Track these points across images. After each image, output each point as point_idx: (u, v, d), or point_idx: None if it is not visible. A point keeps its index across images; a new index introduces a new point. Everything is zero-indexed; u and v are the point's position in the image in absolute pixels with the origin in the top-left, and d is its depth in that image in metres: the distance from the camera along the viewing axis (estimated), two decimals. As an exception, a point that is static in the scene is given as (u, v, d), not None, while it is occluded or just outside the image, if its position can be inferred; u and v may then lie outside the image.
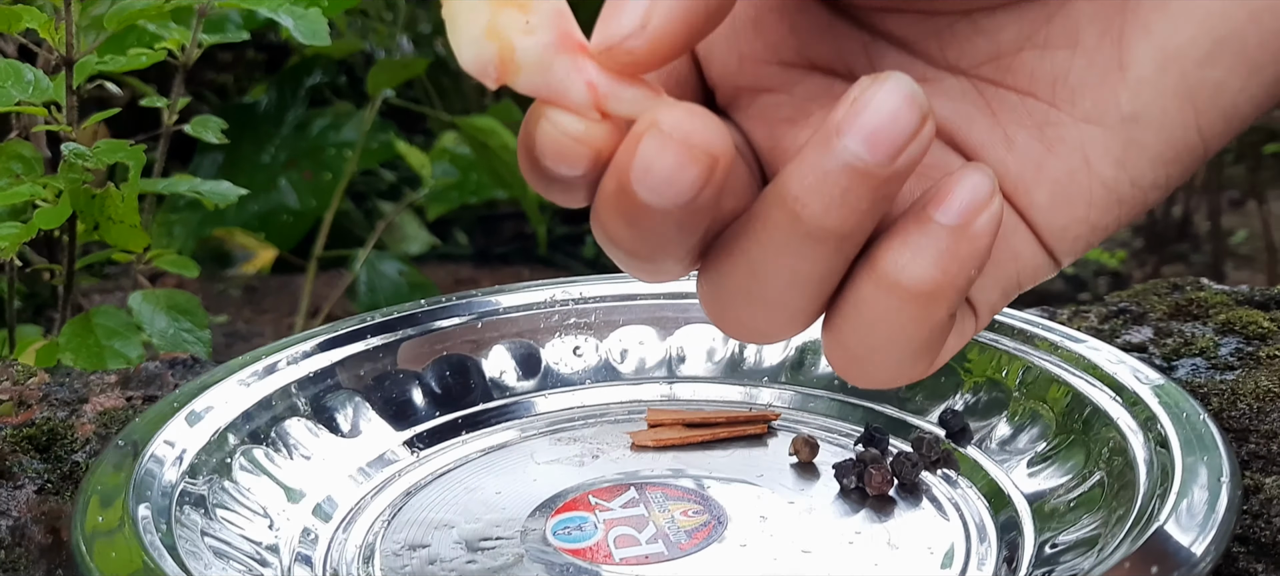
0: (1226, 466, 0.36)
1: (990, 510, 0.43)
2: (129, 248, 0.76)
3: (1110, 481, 0.40)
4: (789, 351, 0.54)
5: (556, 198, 0.27)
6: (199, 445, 0.43)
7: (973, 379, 0.49)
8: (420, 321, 0.53)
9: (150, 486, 0.40)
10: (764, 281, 0.26)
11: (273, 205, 1.86)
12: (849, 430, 0.50)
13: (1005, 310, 0.51)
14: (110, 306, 0.82)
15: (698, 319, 0.55)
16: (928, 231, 0.25)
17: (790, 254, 0.26)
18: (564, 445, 0.50)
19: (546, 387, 0.54)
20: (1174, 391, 0.42)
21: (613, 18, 0.25)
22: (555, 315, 0.55)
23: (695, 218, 0.25)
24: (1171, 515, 0.33)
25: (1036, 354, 0.48)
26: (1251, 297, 0.63)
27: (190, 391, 0.46)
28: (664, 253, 0.26)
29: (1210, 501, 0.33)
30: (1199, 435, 0.38)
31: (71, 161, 0.72)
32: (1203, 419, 0.39)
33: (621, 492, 0.45)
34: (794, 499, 0.45)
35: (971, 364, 0.49)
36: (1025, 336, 0.49)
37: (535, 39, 0.25)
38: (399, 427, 0.50)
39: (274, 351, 0.49)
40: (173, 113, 0.92)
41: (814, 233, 0.25)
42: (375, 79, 1.67)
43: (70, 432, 0.52)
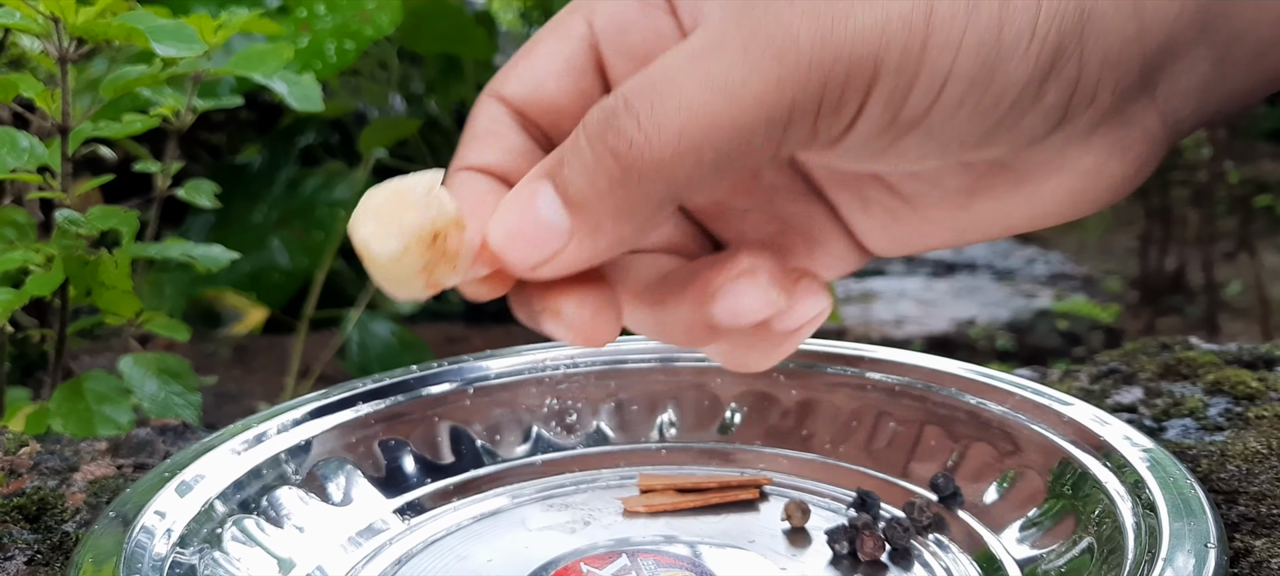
0: (1213, 532, 0.36)
1: (982, 573, 0.43)
2: (121, 312, 0.76)
3: (1100, 547, 0.40)
4: (781, 417, 0.54)
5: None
6: (189, 515, 0.43)
7: (963, 443, 0.49)
8: (410, 388, 0.53)
9: (141, 559, 0.39)
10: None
11: (264, 265, 1.86)
12: (840, 494, 0.50)
13: (996, 373, 0.52)
14: (100, 371, 0.82)
15: (689, 384, 0.55)
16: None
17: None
18: (556, 511, 0.50)
19: (537, 453, 0.54)
20: (1162, 456, 0.43)
21: (523, 246, 0.30)
22: (546, 380, 0.55)
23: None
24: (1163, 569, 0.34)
25: (1026, 418, 0.48)
26: (1239, 357, 0.63)
27: (180, 461, 0.46)
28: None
29: (1197, 568, 0.33)
30: (1186, 500, 0.38)
31: (65, 228, 0.72)
32: (1191, 483, 0.40)
33: (613, 559, 0.45)
34: (786, 564, 0.45)
35: (962, 428, 0.50)
36: (1015, 399, 0.49)
37: (460, 273, 0.30)
38: (390, 495, 0.50)
39: (264, 420, 0.49)
40: (166, 177, 0.93)
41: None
42: (367, 138, 1.68)
43: (60, 502, 0.51)
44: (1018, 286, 3.12)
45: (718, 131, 0.27)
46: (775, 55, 0.27)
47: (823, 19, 0.27)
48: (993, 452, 0.48)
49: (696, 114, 0.27)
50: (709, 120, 0.27)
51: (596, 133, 0.28)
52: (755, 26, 0.28)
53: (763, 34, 0.27)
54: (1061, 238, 3.78)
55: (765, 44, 0.27)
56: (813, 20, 0.27)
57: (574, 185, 0.28)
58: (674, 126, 0.27)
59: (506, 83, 0.33)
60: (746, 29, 0.28)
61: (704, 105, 0.27)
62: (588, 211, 0.29)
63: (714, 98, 0.27)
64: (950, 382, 0.51)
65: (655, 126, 0.27)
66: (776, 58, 0.27)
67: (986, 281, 3.22)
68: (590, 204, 0.28)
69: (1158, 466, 0.41)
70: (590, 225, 0.29)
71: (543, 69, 0.33)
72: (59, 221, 0.72)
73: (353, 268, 2.08)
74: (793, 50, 0.27)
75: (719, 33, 0.28)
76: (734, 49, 0.27)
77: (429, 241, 0.29)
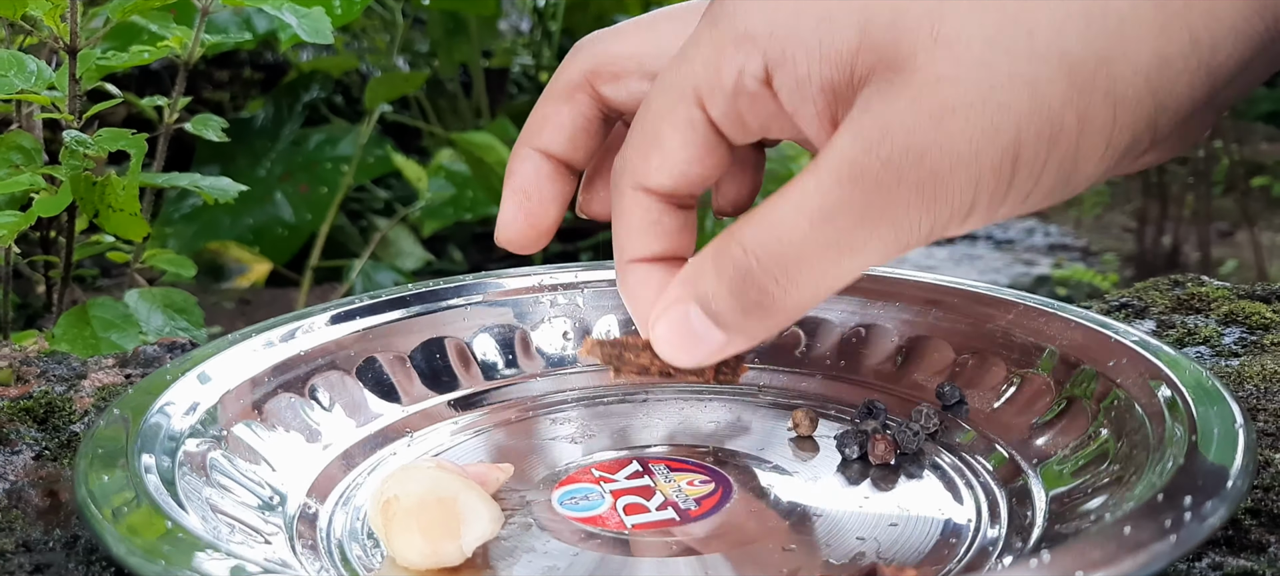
0: (1237, 413, 0.36)
1: (995, 473, 0.43)
2: (129, 236, 0.75)
3: (1119, 438, 0.39)
4: (781, 335, 0.54)
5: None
6: (199, 412, 0.43)
7: (968, 354, 0.49)
8: (411, 304, 0.53)
9: (155, 438, 0.39)
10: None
11: (268, 219, 1.86)
12: (842, 411, 0.49)
13: (998, 287, 0.51)
14: (107, 299, 0.82)
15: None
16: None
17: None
18: (559, 425, 0.50)
19: (539, 370, 0.53)
20: (1175, 352, 0.42)
21: (683, 353, 0.35)
22: (553, 298, 0.55)
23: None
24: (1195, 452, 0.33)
25: (1032, 326, 0.48)
26: (1253, 292, 0.63)
27: (183, 364, 0.45)
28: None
29: (1228, 446, 0.33)
30: (1205, 388, 0.38)
31: (72, 149, 0.72)
32: (1207, 373, 0.39)
33: (625, 465, 0.45)
34: (797, 469, 0.44)
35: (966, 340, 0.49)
36: (1019, 310, 0.49)
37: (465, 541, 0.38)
38: (391, 408, 0.49)
39: (278, 325, 0.49)
40: (173, 111, 0.92)
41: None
42: (372, 93, 1.67)
43: (68, 405, 0.51)
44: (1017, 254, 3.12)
45: (847, 278, 0.32)
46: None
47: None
48: (999, 361, 0.48)
49: (826, 279, 0.31)
50: (838, 279, 0.32)
51: (737, 285, 0.32)
52: (870, 188, 0.30)
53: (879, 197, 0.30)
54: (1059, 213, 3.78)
55: (880, 207, 0.30)
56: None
57: (724, 316, 0.33)
58: (808, 291, 0.32)
59: (648, 176, 0.36)
60: (861, 195, 0.30)
61: (833, 273, 0.31)
62: (737, 331, 0.33)
63: (841, 261, 0.31)
64: (953, 297, 0.51)
65: (789, 286, 0.32)
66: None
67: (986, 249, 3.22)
68: (739, 327, 0.33)
69: (1172, 360, 0.41)
70: (741, 338, 0.34)
71: (681, 157, 0.35)
72: (66, 142, 0.71)
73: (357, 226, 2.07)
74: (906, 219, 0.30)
75: (836, 195, 0.31)
76: (854, 212, 0.30)
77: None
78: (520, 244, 0.43)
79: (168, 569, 0.30)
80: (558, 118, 0.41)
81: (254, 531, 0.39)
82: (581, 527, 0.40)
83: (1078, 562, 0.27)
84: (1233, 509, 0.30)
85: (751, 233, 0.32)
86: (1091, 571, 0.26)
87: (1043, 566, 0.27)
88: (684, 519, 0.41)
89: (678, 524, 0.40)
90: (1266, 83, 0.92)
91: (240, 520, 0.39)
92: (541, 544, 0.39)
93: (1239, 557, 0.38)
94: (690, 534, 0.40)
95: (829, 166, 0.30)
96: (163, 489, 0.36)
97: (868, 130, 0.30)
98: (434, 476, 0.39)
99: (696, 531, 0.40)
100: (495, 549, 0.39)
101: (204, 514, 0.37)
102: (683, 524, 0.40)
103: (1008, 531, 0.39)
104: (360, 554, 0.40)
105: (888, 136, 0.29)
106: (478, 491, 0.39)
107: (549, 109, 0.42)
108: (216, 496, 0.39)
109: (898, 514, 0.41)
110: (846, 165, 0.30)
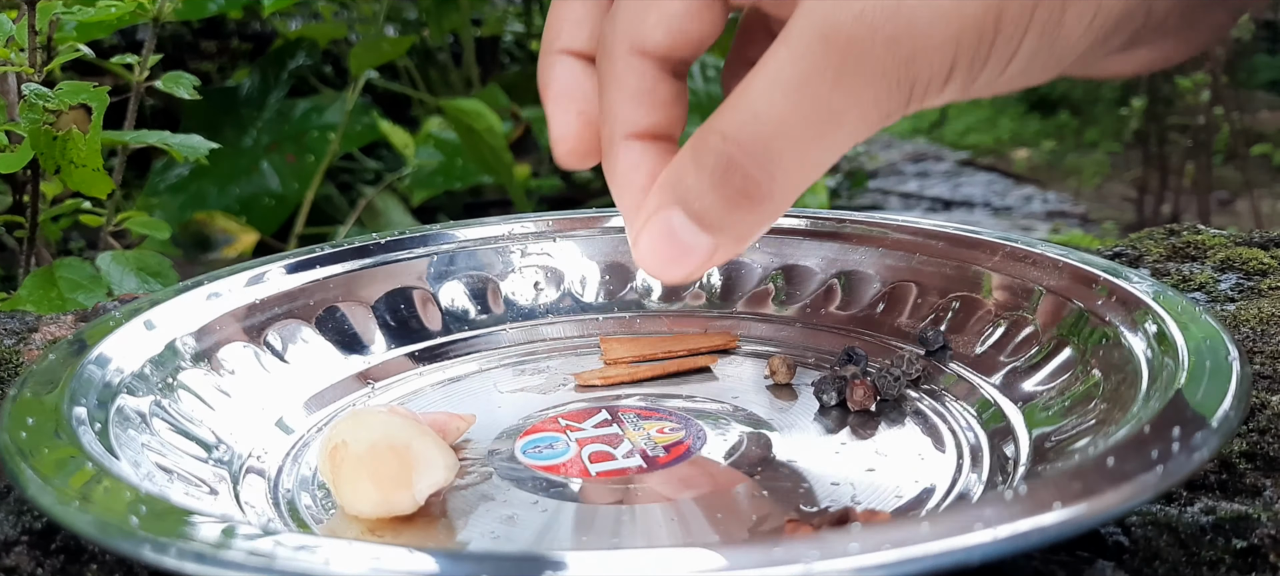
0: (1231, 345, 0.34)
1: (979, 417, 0.41)
2: (93, 193, 0.73)
3: (1107, 375, 0.37)
4: (758, 283, 0.52)
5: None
6: (144, 358, 0.41)
7: (951, 298, 0.47)
8: (374, 253, 0.51)
9: (91, 385, 0.37)
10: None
11: (254, 189, 1.84)
12: (822, 359, 0.47)
13: (981, 229, 0.49)
14: (74, 259, 0.80)
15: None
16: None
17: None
18: (528, 376, 0.48)
19: (507, 321, 0.51)
20: (1163, 288, 0.40)
21: (673, 268, 0.32)
22: (515, 248, 0.53)
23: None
24: (1184, 385, 0.31)
25: (1016, 269, 0.46)
26: (1250, 238, 0.61)
27: (130, 311, 0.43)
28: None
29: (1221, 380, 0.31)
30: (1196, 322, 0.36)
31: (32, 102, 0.70)
32: (1198, 309, 0.37)
33: (593, 415, 0.43)
34: (773, 416, 0.42)
35: (949, 283, 0.47)
36: (1005, 252, 0.47)
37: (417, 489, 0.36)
38: (352, 359, 0.47)
39: (225, 276, 0.47)
40: (143, 70, 0.90)
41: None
42: (358, 58, 1.65)
43: (16, 358, 0.49)
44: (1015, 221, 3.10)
45: (833, 153, 0.29)
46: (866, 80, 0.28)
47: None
48: (983, 304, 0.46)
49: (810, 155, 0.29)
50: (823, 154, 0.29)
51: (720, 176, 0.30)
52: (843, 46, 0.28)
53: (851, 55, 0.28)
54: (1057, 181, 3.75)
55: (856, 67, 0.28)
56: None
57: (709, 214, 0.31)
58: (795, 172, 0.29)
59: (646, 35, 0.33)
60: (836, 56, 0.28)
61: (817, 148, 0.29)
62: (727, 230, 0.31)
63: (823, 134, 0.29)
64: (936, 240, 0.49)
65: (774, 168, 0.29)
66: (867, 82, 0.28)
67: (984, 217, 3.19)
68: (727, 225, 0.31)
69: (1161, 296, 0.39)
70: (729, 239, 0.31)
71: (678, 10, 0.32)
72: (26, 95, 0.69)
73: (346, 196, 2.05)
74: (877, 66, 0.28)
75: (809, 61, 0.28)
76: (829, 76, 0.28)
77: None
78: (586, 150, 0.38)
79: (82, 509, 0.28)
80: (574, 12, 0.37)
81: (199, 481, 0.37)
82: (543, 476, 0.38)
83: (1057, 494, 0.24)
84: (1224, 441, 0.28)
85: (728, 117, 0.30)
86: (1072, 502, 0.24)
87: (1020, 498, 0.25)
88: (651, 466, 0.39)
89: (645, 471, 0.38)
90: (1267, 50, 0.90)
91: (182, 470, 0.37)
92: (500, 493, 0.37)
93: (1233, 501, 0.36)
94: (657, 481, 0.38)
95: (800, 30, 0.28)
96: (94, 437, 0.34)
97: None
98: (386, 422, 0.37)
99: (664, 478, 0.38)
100: (452, 498, 0.37)
101: (138, 460, 0.35)
102: (650, 471, 0.38)
103: (990, 474, 0.37)
104: (310, 505, 0.38)
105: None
106: (432, 437, 0.37)
107: (562, 7, 0.37)
108: (157, 445, 0.37)
109: (875, 459, 0.39)
110: (818, 25, 0.28)
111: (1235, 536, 0.34)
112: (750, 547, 0.23)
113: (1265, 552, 0.33)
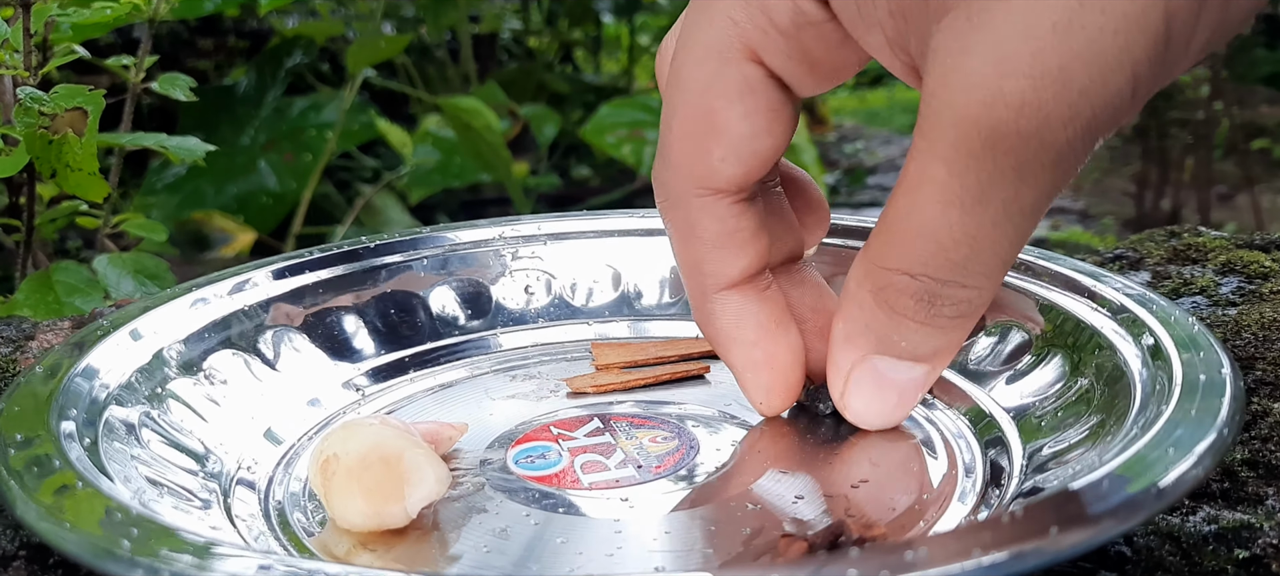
0: (1225, 360, 0.33)
1: (972, 427, 0.40)
2: (89, 197, 0.73)
3: (1099, 387, 0.37)
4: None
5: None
6: (133, 368, 0.41)
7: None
8: (363, 257, 0.50)
9: (79, 397, 0.37)
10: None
11: (252, 187, 1.83)
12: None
13: None
14: (71, 263, 0.79)
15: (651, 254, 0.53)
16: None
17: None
18: (519, 382, 0.47)
19: (498, 326, 0.51)
20: (1158, 299, 0.40)
21: (897, 413, 0.34)
22: (505, 252, 0.52)
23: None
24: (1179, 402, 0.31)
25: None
26: (1251, 241, 0.61)
27: (117, 319, 0.43)
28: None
29: (1215, 395, 0.31)
30: (1190, 336, 0.36)
31: (27, 106, 0.69)
32: (1192, 321, 0.37)
33: (585, 423, 0.43)
34: (765, 426, 0.42)
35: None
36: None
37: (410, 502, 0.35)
38: (341, 365, 0.47)
39: (212, 282, 0.47)
40: (139, 71, 0.89)
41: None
42: (355, 56, 1.64)
43: (12, 366, 0.49)
44: (1016, 219, 3.08)
45: (1035, 225, 0.27)
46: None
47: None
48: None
49: (1014, 244, 0.27)
50: (1025, 235, 0.27)
51: (925, 311, 0.28)
52: (1016, 146, 0.25)
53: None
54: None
55: (1038, 155, 0.25)
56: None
57: (920, 347, 0.29)
58: (1000, 266, 0.27)
59: (715, 171, 0.30)
60: (1005, 156, 0.25)
61: (1015, 236, 0.27)
62: (940, 353, 0.30)
63: (1019, 222, 0.27)
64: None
65: (980, 276, 0.27)
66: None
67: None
68: (941, 347, 0.29)
69: (1155, 306, 0.39)
70: (946, 354, 0.30)
71: (745, 133, 0.29)
72: (21, 99, 0.69)
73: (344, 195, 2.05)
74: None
75: (981, 171, 0.25)
76: (1008, 176, 0.25)
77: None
78: (783, 406, 0.36)
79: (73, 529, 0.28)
80: (722, 238, 0.31)
81: (189, 494, 0.37)
82: (536, 487, 0.38)
83: (1053, 517, 0.24)
84: (1218, 460, 0.28)
85: (905, 251, 0.27)
86: (1067, 527, 0.24)
87: (1016, 521, 0.24)
88: (644, 476, 0.38)
89: (637, 482, 0.38)
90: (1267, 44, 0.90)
91: (173, 483, 0.37)
92: (493, 505, 0.37)
93: (1236, 510, 0.35)
94: (650, 492, 0.37)
95: (950, 137, 0.25)
96: (83, 453, 0.34)
97: (978, 72, 0.24)
98: (377, 433, 0.37)
99: (656, 489, 0.38)
100: (444, 510, 0.37)
101: (128, 476, 0.35)
102: (642, 482, 0.38)
103: (983, 486, 0.36)
104: (301, 518, 0.37)
105: (1009, 70, 0.24)
106: (424, 449, 0.36)
107: (703, 233, 0.32)
108: (147, 458, 0.37)
109: (869, 470, 0.38)
110: (973, 128, 0.24)
111: (1238, 545, 0.34)
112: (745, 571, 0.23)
113: (1268, 562, 0.33)
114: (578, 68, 2.86)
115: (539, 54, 2.63)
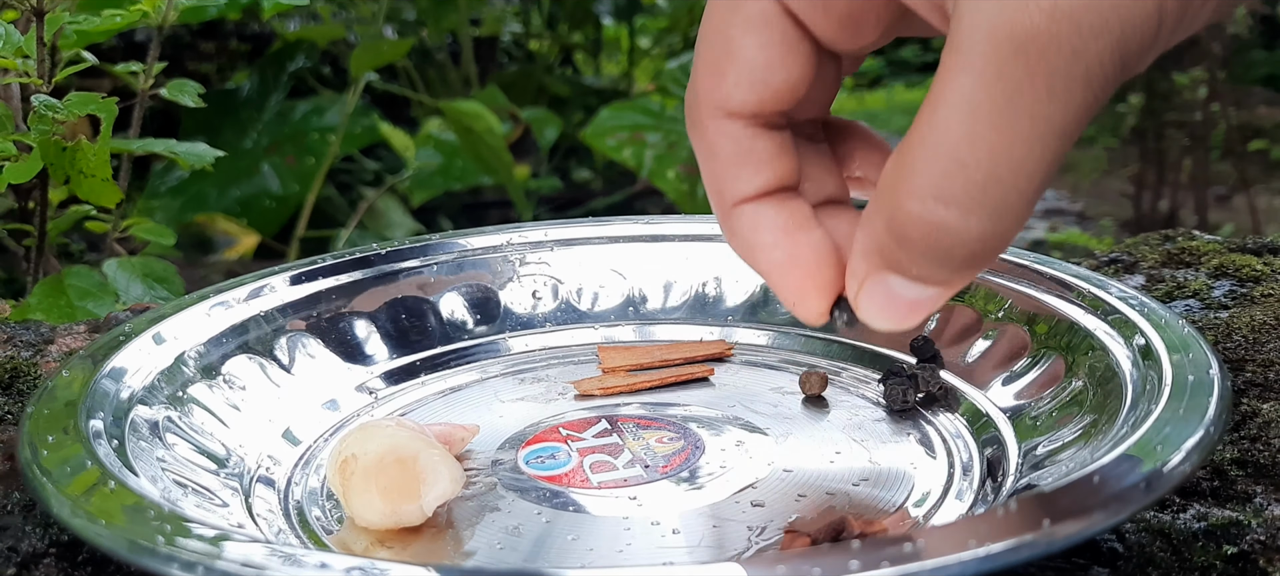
0: (1213, 360, 0.35)
1: (969, 427, 0.41)
2: (102, 203, 0.74)
3: (1093, 388, 0.38)
4: (753, 291, 0.53)
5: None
6: (154, 372, 0.42)
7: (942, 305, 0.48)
8: (375, 264, 0.52)
9: (106, 399, 0.38)
10: None
11: (255, 190, 1.84)
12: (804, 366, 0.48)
13: None
14: (83, 267, 0.81)
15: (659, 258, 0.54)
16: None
17: None
18: (528, 385, 0.48)
19: (506, 330, 0.52)
20: (1150, 302, 0.41)
21: (904, 320, 0.30)
22: (514, 257, 0.54)
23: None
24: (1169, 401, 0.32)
25: (1006, 278, 0.47)
26: (1244, 245, 0.62)
27: (140, 324, 0.44)
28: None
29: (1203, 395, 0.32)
30: (1181, 338, 0.37)
31: (41, 113, 0.70)
32: (1182, 323, 0.38)
33: (593, 424, 0.44)
34: (768, 426, 0.43)
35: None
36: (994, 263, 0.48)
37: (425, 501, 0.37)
38: (355, 369, 0.48)
39: (229, 288, 0.48)
40: (148, 77, 0.91)
41: None
42: (358, 60, 1.65)
43: (33, 370, 0.50)
44: (1014, 220, 3.09)
45: (1064, 151, 0.26)
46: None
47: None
48: (972, 313, 0.47)
49: (1040, 169, 0.26)
50: (1055, 158, 0.26)
51: (933, 242, 0.27)
52: (1045, 49, 0.25)
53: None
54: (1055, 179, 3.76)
55: (1069, 65, 0.25)
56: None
57: (930, 276, 0.28)
58: (1025, 195, 0.26)
59: (729, 95, 0.30)
60: (1035, 61, 0.25)
61: (1042, 159, 0.26)
62: (953, 280, 0.29)
63: (1046, 144, 0.26)
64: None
65: (1000, 205, 0.26)
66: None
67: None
68: (949, 277, 0.28)
69: (1147, 309, 0.40)
70: (961, 280, 0.29)
71: (759, 62, 0.30)
72: (35, 107, 0.70)
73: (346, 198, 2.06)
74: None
75: (1010, 77, 0.25)
76: (1037, 85, 0.25)
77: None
78: (818, 307, 0.33)
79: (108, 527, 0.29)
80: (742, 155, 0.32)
81: (210, 494, 0.38)
82: (546, 487, 0.39)
83: (1046, 511, 0.25)
84: (1205, 457, 0.29)
85: (922, 170, 0.26)
86: (1059, 520, 0.25)
87: (1011, 515, 0.26)
88: (651, 476, 0.40)
89: (644, 481, 0.39)
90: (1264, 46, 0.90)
91: (195, 482, 0.38)
92: (505, 504, 0.38)
93: (1225, 508, 0.37)
94: (657, 490, 0.39)
95: (981, 47, 0.25)
96: (111, 452, 0.35)
97: None
98: (394, 435, 0.38)
99: (663, 489, 0.39)
100: (458, 509, 0.38)
101: (155, 475, 0.36)
102: (649, 481, 0.39)
103: (980, 484, 0.37)
104: (319, 516, 0.39)
105: None
106: (439, 450, 0.38)
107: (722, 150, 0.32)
108: (170, 458, 0.38)
109: (869, 469, 0.39)
110: (1005, 33, 0.24)
111: (1227, 542, 0.35)
112: (754, 565, 0.24)
113: (1255, 558, 0.34)
114: (578, 70, 2.87)
115: (539, 57, 2.65)
